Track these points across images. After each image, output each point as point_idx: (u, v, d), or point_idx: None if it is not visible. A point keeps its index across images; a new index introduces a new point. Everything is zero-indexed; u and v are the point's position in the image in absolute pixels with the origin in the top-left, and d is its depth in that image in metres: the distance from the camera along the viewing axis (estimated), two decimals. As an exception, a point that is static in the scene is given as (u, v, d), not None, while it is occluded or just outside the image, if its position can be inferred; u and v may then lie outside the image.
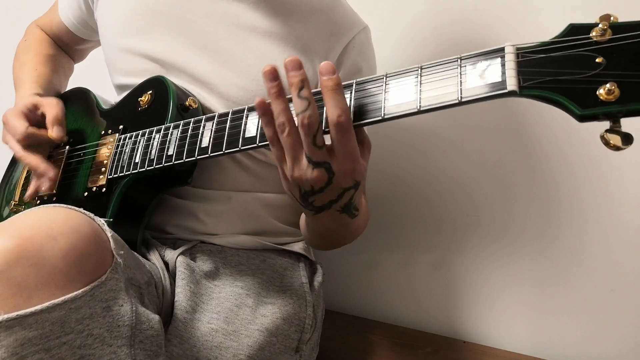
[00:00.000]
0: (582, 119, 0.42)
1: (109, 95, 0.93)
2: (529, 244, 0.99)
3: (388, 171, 1.12)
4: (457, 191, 1.06)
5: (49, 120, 0.80)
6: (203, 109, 0.78)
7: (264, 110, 0.55)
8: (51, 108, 0.81)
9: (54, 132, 0.79)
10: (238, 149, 0.61)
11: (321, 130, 0.53)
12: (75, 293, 0.51)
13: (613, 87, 0.40)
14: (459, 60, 0.48)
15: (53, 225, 0.53)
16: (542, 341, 0.98)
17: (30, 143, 0.79)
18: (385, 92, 0.52)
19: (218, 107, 0.78)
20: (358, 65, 0.81)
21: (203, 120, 0.67)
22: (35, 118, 0.82)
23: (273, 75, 0.53)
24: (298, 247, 0.90)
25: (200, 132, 0.66)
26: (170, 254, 0.77)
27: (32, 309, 0.48)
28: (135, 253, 0.70)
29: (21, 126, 0.78)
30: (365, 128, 0.86)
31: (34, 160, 0.78)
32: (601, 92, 0.41)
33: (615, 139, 0.41)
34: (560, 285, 0.96)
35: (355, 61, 0.81)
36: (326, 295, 1.00)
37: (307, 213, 0.63)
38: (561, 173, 0.95)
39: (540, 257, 0.98)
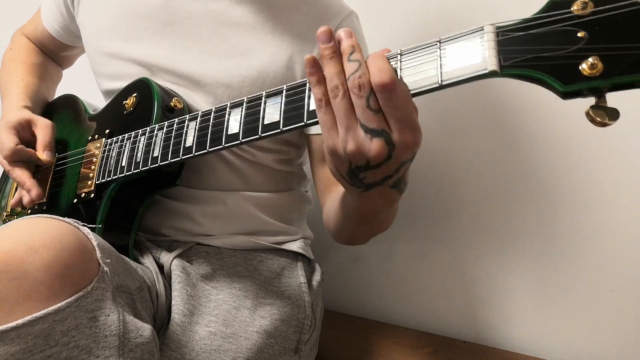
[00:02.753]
0: (565, 95, 0.41)
1: (98, 101, 0.92)
2: (529, 243, 0.98)
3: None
4: (457, 191, 1.05)
5: (40, 143, 0.80)
6: (189, 109, 0.77)
7: (315, 69, 0.50)
8: (43, 131, 0.81)
9: (44, 155, 0.79)
10: (222, 146, 0.60)
11: (374, 95, 0.47)
12: (59, 305, 0.50)
13: (596, 61, 0.39)
14: (438, 43, 0.47)
15: (35, 237, 0.52)
16: (542, 341, 0.97)
17: (17, 159, 0.79)
18: (366, 80, 0.50)
19: (205, 107, 0.77)
20: None
21: (187, 120, 0.66)
22: (25, 135, 0.81)
23: (328, 36, 0.49)
24: (296, 245, 0.89)
25: (184, 131, 0.65)
26: (166, 257, 0.76)
27: (14, 324, 0.47)
28: (127, 258, 0.69)
29: (10, 142, 0.78)
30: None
31: (21, 175, 0.78)
32: (584, 67, 0.39)
33: (601, 115, 0.40)
34: (560, 285, 0.95)
35: None
36: (326, 295, 0.99)
37: (352, 191, 0.56)
38: (561, 171, 0.94)
39: (540, 256, 0.97)
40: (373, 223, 0.67)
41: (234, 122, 0.59)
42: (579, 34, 0.40)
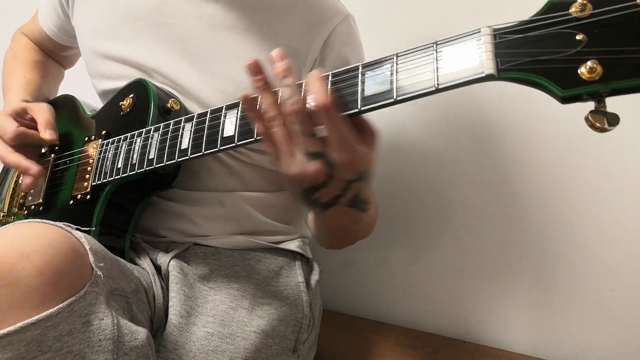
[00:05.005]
0: (564, 100, 0.40)
1: (97, 102, 0.91)
2: (529, 243, 0.97)
3: (395, 171, 1.11)
4: (457, 191, 1.04)
5: (40, 123, 0.79)
6: (186, 111, 0.76)
7: (250, 105, 0.53)
8: (42, 112, 0.80)
9: (47, 134, 0.78)
10: (217, 149, 0.60)
11: (309, 118, 0.50)
12: (51, 310, 0.49)
13: (595, 65, 0.38)
14: (434, 45, 0.46)
15: (26, 243, 0.51)
16: (542, 341, 0.97)
17: (19, 143, 0.78)
18: (361, 83, 0.50)
19: (198, 111, 0.76)
20: (345, 57, 0.79)
21: (182, 122, 0.65)
22: (23, 122, 0.81)
23: (256, 69, 0.52)
24: (294, 245, 0.88)
25: (180, 133, 0.65)
26: (163, 258, 0.76)
27: (5, 331, 0.47)
28: (122, 260, 0.68)
29: (11, 125, 0.78)
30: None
31: (15, 158, 0.77)
32: (583, 70, 0.38)
33: (601, 120, 0.39)
34: (560, 285, 0.95)
35: (340, 52, 0.79)
36: (326, 294, 0.99)
37: (314, 211, 0.60)
38: (560, 172, 0.94)
39: (540, 256, 0.97)
40: (345, 236, 0.72)
41: (230, 124, 0.59)
42: (577, 37, 0.40)
